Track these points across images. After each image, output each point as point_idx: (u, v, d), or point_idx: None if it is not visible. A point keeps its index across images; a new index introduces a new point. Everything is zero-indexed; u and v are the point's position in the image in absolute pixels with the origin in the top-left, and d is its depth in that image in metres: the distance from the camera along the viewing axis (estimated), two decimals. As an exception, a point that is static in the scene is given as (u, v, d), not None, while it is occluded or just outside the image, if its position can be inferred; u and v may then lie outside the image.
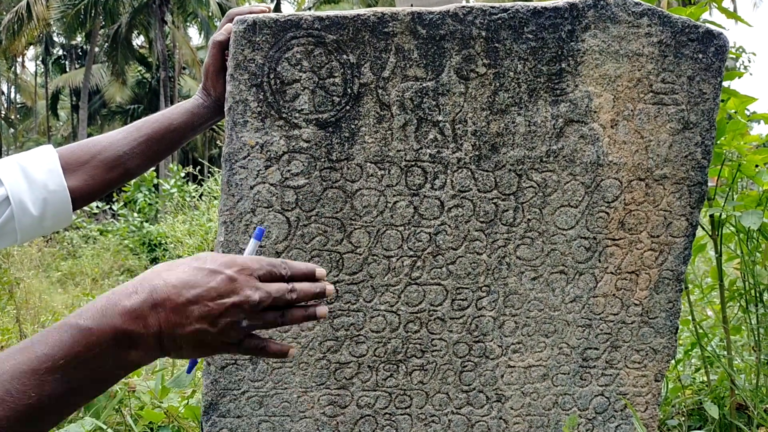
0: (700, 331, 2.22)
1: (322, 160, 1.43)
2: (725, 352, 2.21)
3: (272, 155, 1.41)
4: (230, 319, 0.80)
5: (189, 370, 0.95)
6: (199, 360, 0.93)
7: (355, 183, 1.45)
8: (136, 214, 11.76)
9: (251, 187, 1.42)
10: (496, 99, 1.46)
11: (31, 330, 4.21)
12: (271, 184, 1.42)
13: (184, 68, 30.79)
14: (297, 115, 1.40)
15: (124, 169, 1.37)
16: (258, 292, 0.81)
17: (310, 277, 0.89)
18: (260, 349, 0.86)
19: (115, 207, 12.47)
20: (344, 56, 1.39)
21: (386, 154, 1.45)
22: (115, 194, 12.88)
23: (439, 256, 1.52)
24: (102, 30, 27.96)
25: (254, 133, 1.40)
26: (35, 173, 1.24)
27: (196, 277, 0.78)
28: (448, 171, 1.48)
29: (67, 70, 34.76)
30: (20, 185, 1.22)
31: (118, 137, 1.37)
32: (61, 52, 37.06)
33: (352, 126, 1.43)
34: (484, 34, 1.42)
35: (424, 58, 1.42)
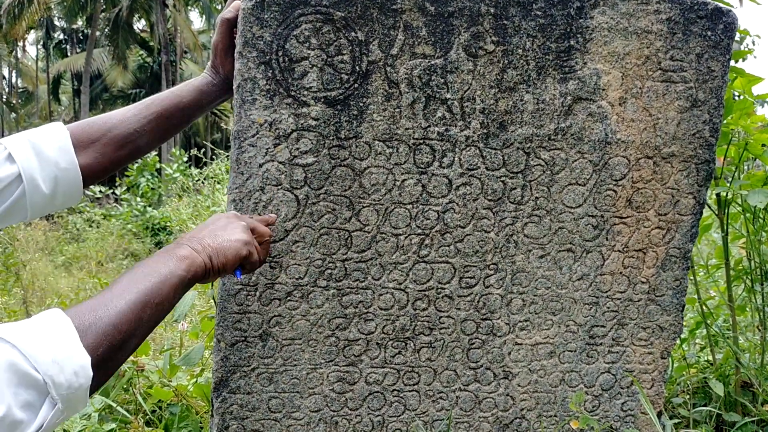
0: (706, 310, 2.23)
1: (331, 138, 1.43)
2: (730, 332, 2.22)
3: (281, 133, 1.42)
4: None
5: (239, 275, 1.29)
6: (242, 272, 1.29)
7: (364, 161, 1.46)
8: (138, 199, 11.78)
9: (260, 165, 1.42)
10: (505, 77, 1.46)
11: (36, 312, 4.24)
12: (280, 162, 1.43)
13: (185, 52, 30.68)
14: (305, 92, 1.40)
15: (134, 146, 1.37)
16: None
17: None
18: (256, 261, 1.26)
19: (118, 191, 12.49)
20: (352, 33, 1.39)
21: (394, 132, 1.45)
22: (117, 179, 12.89)
23: (447, 234, 1.53)
24: (103, 14, 27.83)
25: (263, 111, 1.40)
26: (47, 151, 1.24)
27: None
28: (457, 149, 1.48)
29: (68, 54, 34.65)
30: (32, 163, 1.22)
31: (128, 115, 1.37)
32: (62, 36, 36.92)
33: (361, 104, 1.43)
34: (492, 10, 1.42)
35: (432, 35, 1.41)
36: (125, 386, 2.23)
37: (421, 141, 1.46)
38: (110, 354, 0.90)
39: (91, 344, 0.87)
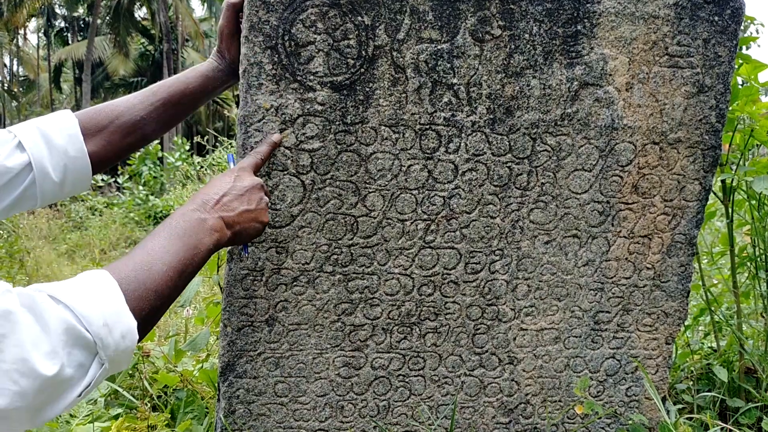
0: (710, 297, 2.23)
1: (337, 123, 1.43)
2: (734, 318, 2.22)
3: (287, 118, 1.41)
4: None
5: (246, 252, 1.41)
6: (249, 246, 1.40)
7: (370, 146, 1.45)
8: (141, 187, 11.79)
9: (266, 151, 1.42)
10: (511, 61, 1.45)
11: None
12: (286, 147, 1.43)
13: (187, 40, 30.60)
14: (311, 77, 1.40)
15: (141, 133, 1.37)
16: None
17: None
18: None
19: (120, 180, 12.50)
20: (359, 18, 1.38)
21: (401, 117, 1.45)
22: (120, 167, 12.90)
23: (452, 219, 1.53)
24: (104, 1, 27.72)
25: (269, 96, 1.40)
26: (56, 139, 1.24)
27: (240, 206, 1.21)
28: (463, 134, 1.48)
29: (70, 42, 34.54)
30: (42, 151, 1.23)
31: (134, 102, 1.37)
32: (63, 24, 36.79)
33: (367, 89, 1.42)
34: (499, -5, 1.41)
35: (439, 19, 1.41)
36: (131, 372, 2.24)
37: (428, 126, 1.46)
38: (150, 317, 0.96)
39: (136, 308, 0.91)
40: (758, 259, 2.16)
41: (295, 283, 1.51)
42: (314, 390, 1.59)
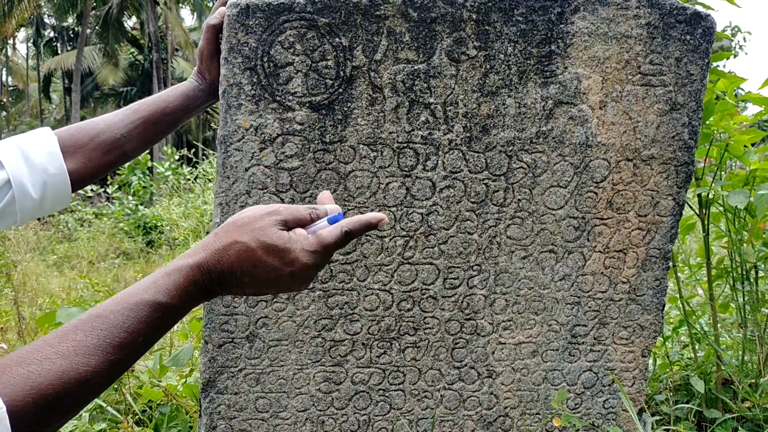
0: (688, 309, 2.26)
1: (316, 142, 1.45)
2: (713, 330, 2.25)
3: (266, 138, 1.44)
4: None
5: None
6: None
7: (349, 165, 1.48)
8: (130, 197, 11.76)
9: (246, 169, 1.44)
10: (487, 81, 1.48)
11: (29, 312, 4.24)
12: (266, 166, 1.45)
13: (176, 50, 30.59)
14: (290, 97, 1.42)
15: (121, 151, 1.39)
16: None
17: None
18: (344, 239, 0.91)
19: (109, 190, 12.46)
20: (337, 39, 1.41)
21: (379, 136, 1.47)
22: (109, 177, 12.86)
23: (431, 236, 1.55)
24: (93, 11, 27.70)
25: (248, 116, 1.42)
26: (35, 156, 1.26)
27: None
28: (440, 152, 1.50)
29: (59, 52, 34.45)
30: (21, 168, 1.24)
31: (114, 120, 1.39)
32: (52, 34, 36.69)
33: (345, 108, 1.45)
34: (474, 16, 1.44)
35: (415, 40, 1.44)
36: (115, 386, 2.25)
37: (405, 145, 1.49)
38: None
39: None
40: (735, 271, 2.20)
41: (275, 300, 1.53)
42: (295, 405, 1.61)
